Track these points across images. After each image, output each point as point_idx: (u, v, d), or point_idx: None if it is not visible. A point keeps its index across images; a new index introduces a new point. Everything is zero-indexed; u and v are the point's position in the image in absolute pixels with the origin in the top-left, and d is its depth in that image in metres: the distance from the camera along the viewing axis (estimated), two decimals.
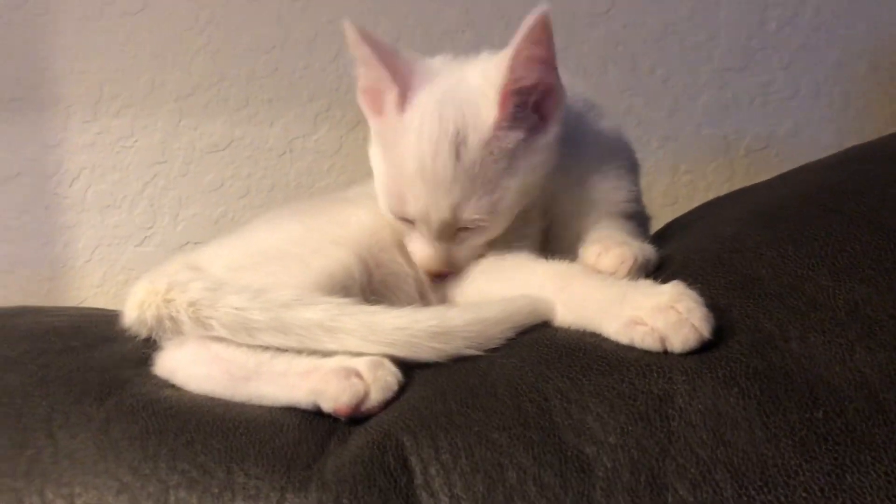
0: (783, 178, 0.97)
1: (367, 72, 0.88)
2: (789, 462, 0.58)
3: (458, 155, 0.82)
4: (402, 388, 0.76)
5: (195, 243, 1.50)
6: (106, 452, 0.70)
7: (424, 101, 0.85)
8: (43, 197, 1.50)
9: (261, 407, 0.76)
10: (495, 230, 0.87)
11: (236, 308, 0.79)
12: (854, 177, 0.84)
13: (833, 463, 0.57)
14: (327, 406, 0.73)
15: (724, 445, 0.60)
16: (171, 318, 0.83)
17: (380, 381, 0.74)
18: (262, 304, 0.79)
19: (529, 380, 0.70)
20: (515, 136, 0.84)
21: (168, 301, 0.83)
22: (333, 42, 1.49)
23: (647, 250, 0.83)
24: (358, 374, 0.74)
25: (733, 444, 0.60)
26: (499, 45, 1.45)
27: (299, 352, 0.78)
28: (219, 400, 0.78)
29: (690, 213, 1.11)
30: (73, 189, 1.50)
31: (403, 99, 0.85)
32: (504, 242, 0.90)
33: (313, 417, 0.74)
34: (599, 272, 0.80)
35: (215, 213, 1.51)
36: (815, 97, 1.52)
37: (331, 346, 0.77)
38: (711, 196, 1.39)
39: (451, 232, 0.86)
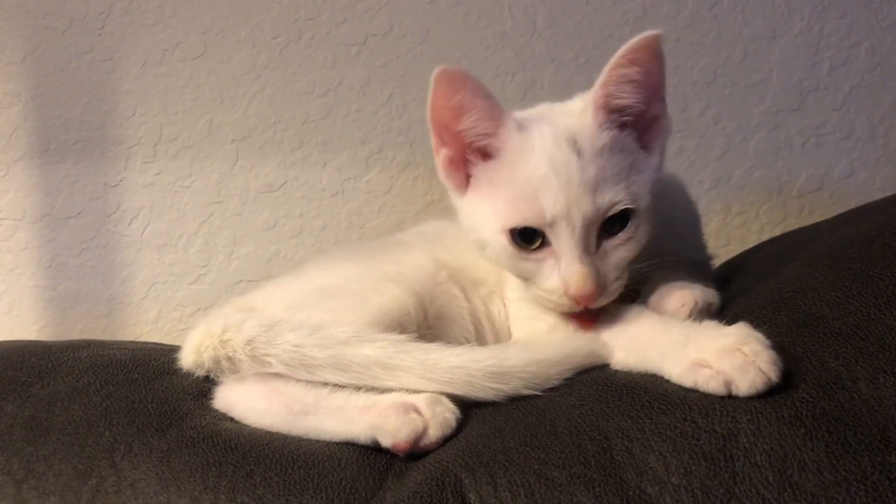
0: (844, 218, 0.95)
1: (472, 112, 0.82)
2: None
3: (578, 150, 0.80)
4: (460, 426, 0.76)
5: (248, 281, 1.52)
6: (167, 483, 0.71)
7: (537, 119, 0.84)
8: (102, 235, 1.54)
9: (319, 441, 0.77)
10: (639, 236, 0.82)
11: (294, 345, 0.80)
12: None
13: None
14: (386, 441, 0.73)
15: (792, 488, 0.58)
16: (229, 358, 0.84)
17: (438, 418, 0.74)
18: (320, 341, 0.80)
19: (589, 418, 0.69)
20: (622, 138, 0.82)
21: (224, 342, 0.84)
22: (386, 86, 1.52)
23: (710, 294, 0.81)
24: (417, 410, 0.74)
25: (801, 486, 0.58)
26: (548, 88, 1.46)
27: (357, 388, 0.79)
28: (277, 434, 0.78)
29: (749, 251, 1.10)
30: (131, 228, 1.54)
31: (519, 122, 0.83)
32: None
33: (371, 453, 0.74)
34: (661, 314, 0.79)
35: (268, 251, 1.54)
36: (869, 138, 1.50)
37: (389, 382, 0.78)
38: (765, 237, 1.38)
39: (593, 236, 0.80)
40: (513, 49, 1.51)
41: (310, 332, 0.81)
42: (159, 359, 0.95)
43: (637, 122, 0.83)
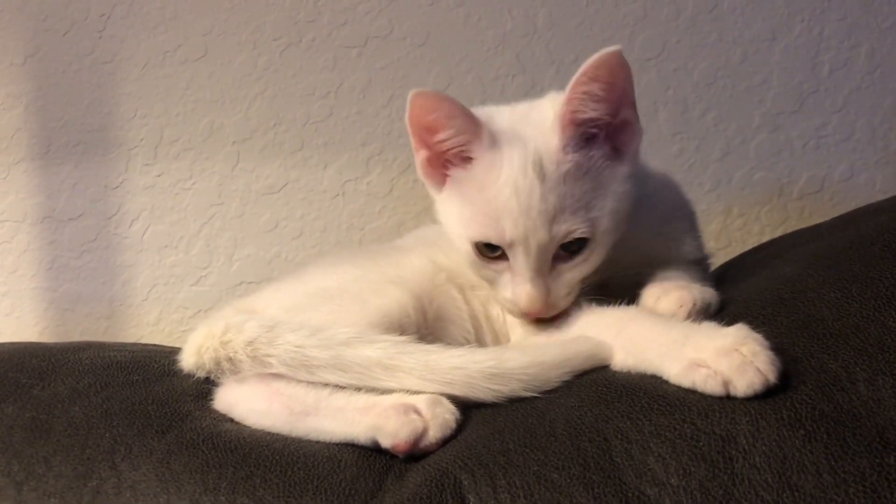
0: (844, 219, 0.95)
1: (448, 129, 0.85)
2: None
3: (542, 176, 0.82)
4: (460, 427, 0.76)
5: (249, 283, 1.52)
6: (167, 484, 0.71)
7: (508, 134, 0.85)
8: (103, 237, 1.55)
9: (319, 443, 0.77)
10: (593, 259, 0.85)
11: (296, 346, 0.80)
12: None
13: None
14: (386, 442, 0.73)
15: (791, 489, 0.58)
16: (229, 359, 0.84)
17: (438, 419, 0.74)
18: (322, 342, 0.80)
19: (589, 420, 0.69)
20: (588, 159, 0.84)
21: (225, 343, 0.84)
22: (386, 88, 1.52)
23: (708, 294, 0.82)
24: (417, 411, 0.74)
25: (800, 488, 0.58)
26: (548, 90, 1.47)
27: (357, 389, 0.79)
28: (277, 435, 0.78)
29: (749, 252, 1.10)
30: (132, 229, 1.55)
31: (493, 137, 0.85)
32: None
33: (371, 454, 0.75)
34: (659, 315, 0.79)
35: (269, 253, 1.54)
36: (870, 140, 1.50)
37: (389, 383, 0.78)
38: (765, 239, 1.38)
39: (548, 259, 0.84)
40: (513, 51, 1.51)
41: (311, 332, 0.81)
42: (160, 360, 0.95)
43: (608, 127, 0.84)
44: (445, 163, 0.89)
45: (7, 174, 1.53)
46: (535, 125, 0.86)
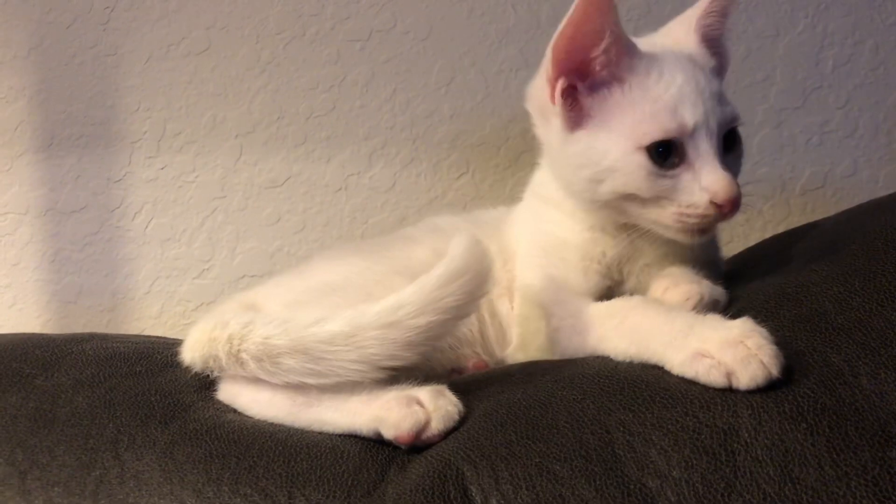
0: (847, 215, 0.95)
1: (611, 38, 0.84)
2: (861, 502, 0.56)
3: (698, 66, 0.87)
4: (463, 418, 0.76)
5: (251, 276, 1.52)
6: (171, 475, 0.72)
7: (659, 42, 0.92)
8: (106, 230, 1.55)
9: (322, 433, 0.77)
10: (740, 162, 0.89)
11: (263, 337, 0.78)
12: None
13: None
14: (388, 433, 0.73)
15: (793, 482, 0.59)
16: (214, 357, 0.82)
17: (441, 410, 0.74)
18: (286, 329, 0.78)
19: (591, 412, 0.69)
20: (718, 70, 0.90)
21: (212, 340, 0.82)
22: (390, 82, 1.52)
23: (716, 291, 0.82)
24: (419, 403, 0.74)
25: (802, 481, 0.59)
26: None
27: (324, 375, 0.76)
28: (280, 426, 0.79)
29: (753, 248, 1.11)
30: (135, 222, 1.54)
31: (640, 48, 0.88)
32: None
33: (373, 445, 0.75)
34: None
35: (272, 247, 1.54)
36: (873, 136, 1.50)
37: (350, 355, 0.75)
38: (768, 235, 1.38)
39: (720, 144, 0.83)
40: (517, 45, 1.51)
41: (280, 322, 0.79)
42: (163, 351, 0.95)
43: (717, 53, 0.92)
44: (576, 94, 0.87)
45: (10, 167, 1.53)
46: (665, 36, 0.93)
